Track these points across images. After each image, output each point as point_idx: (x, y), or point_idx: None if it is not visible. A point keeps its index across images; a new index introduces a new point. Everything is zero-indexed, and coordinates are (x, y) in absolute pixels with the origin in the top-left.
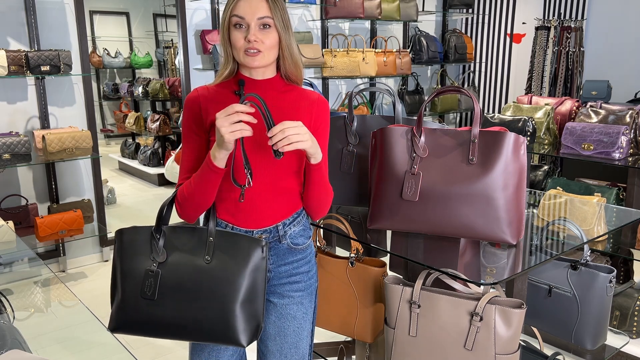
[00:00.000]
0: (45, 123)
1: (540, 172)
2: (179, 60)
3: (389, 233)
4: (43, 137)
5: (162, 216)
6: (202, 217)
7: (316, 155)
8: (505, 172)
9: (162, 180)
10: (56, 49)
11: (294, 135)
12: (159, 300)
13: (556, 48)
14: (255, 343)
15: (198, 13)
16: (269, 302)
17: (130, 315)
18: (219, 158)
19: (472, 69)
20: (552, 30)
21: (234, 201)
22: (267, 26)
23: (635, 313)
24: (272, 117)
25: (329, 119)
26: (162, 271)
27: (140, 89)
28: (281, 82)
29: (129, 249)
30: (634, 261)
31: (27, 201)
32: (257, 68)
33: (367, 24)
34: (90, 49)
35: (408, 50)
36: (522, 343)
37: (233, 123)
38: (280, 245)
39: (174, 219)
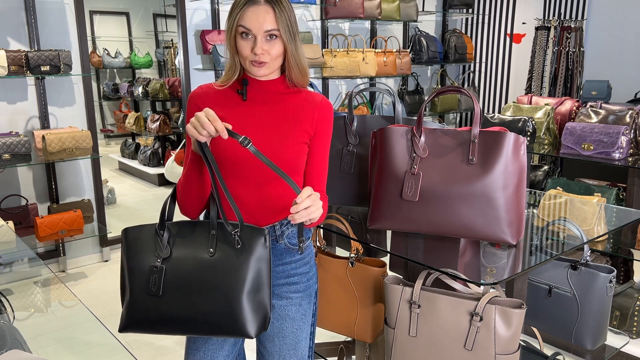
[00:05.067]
0: (45, 123)
1: (540, 172)
2: (179, 60)
3: (389, 233)
4: (43, 137)
5: (165, 212)
6: (202, 217)
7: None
8: (505, 172)
9: (162, 180)
10: (56, 49)
11: (311, 212)
12: (164, 296)
13: (556, 48)
14: (254, 344)
15: (198, 13)
16: None
17: (139, 313)
18: (194, 145)
19: (472, 69)
20: (552, 30)
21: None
22: (274, 37)
23: (635, 313)
24: (275, 118)
25: (332, 122)
26: (166, 267)
27: (140, 89)
28: (285, 84)
29: (134, 247)
30: (634, 261)
31: (27, 201)
32: (262, 77)
33: (367, 24)
34: (90, 49)
35: (408, 50)
36: (522, 343)
37: (201, 125)
38: (278, 245)
39: (179, 216)
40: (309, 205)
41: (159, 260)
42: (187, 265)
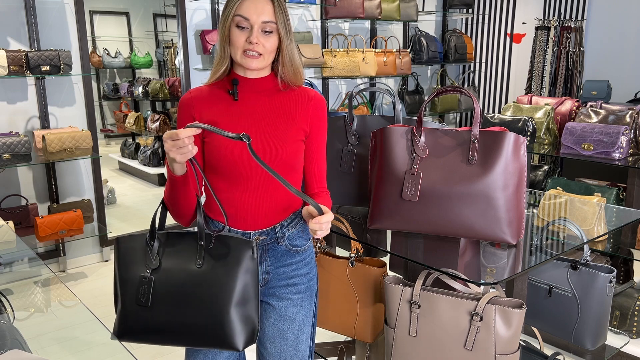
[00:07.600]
0: (45, 123)
1: (540, 172)
2: (179, 60)
3: (389, 233)
4: (43, 137)
5: (156, 222)
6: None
7: None
8: (505, 172)
9: (162, 180)
10: (56, 49)
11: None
12: (153, 306)
13: (556, 48)
14: (255, 345)
15: (198, 13)
16: (268, 305)
17: (130, 323)
18: (175, 169)
19: (472, 69)
20: (552, 30)
21: (229, 203)
22: (271, 30)
23: (635, 313)
24: (269, 116)
25: (327, 117)
26: (155, 277)
27: (140, 89)
28: (275, 82)
29: (126, 257)
30: (634, 261)
31: (27, 201)
32: (253, 70)
33: (367, 24)
34: (90, 49)
35: (408, 50)
36: (522, 343)
37: (180, 148)
38: (278, 246)
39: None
40: (327, 225)
41: (148, 271)
42: (176, 277)
